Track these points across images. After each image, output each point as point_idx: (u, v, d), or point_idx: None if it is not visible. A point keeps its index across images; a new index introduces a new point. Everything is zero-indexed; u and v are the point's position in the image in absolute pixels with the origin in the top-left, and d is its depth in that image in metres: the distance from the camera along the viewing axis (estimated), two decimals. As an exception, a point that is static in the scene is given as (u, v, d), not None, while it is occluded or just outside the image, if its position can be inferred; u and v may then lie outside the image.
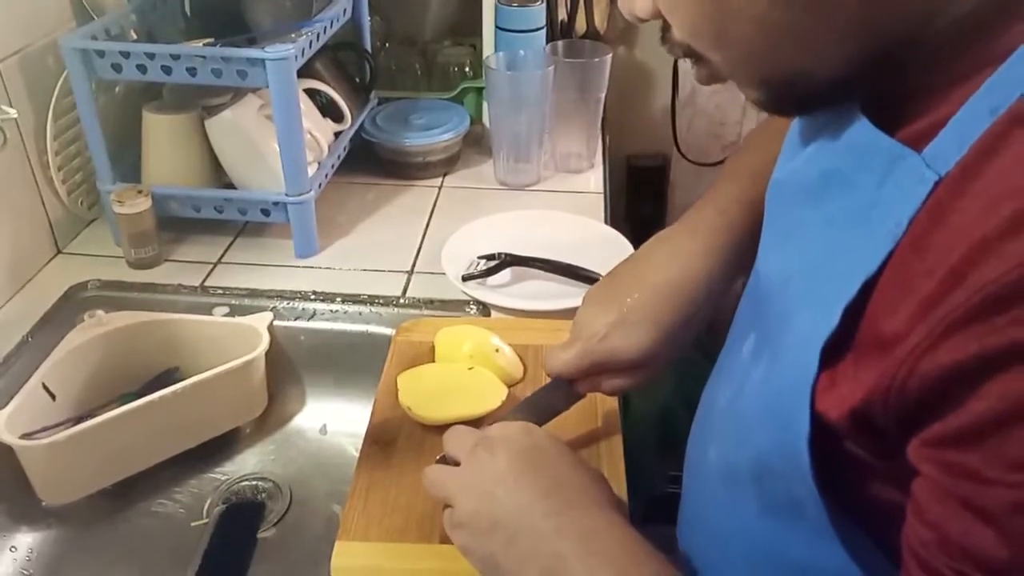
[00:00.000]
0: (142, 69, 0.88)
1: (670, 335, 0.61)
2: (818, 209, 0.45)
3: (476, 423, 0.69)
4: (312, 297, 0.91)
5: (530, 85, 1.08)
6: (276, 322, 0.87)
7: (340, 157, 1.09)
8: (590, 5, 1.39)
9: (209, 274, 0.96)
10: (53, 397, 0.76)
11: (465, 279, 0.91)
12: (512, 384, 0.76)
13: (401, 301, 0.91)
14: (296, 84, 0.90)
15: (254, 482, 0.82)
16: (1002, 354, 0.31)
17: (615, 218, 1.11)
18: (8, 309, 0.90)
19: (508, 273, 0.94)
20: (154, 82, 0.94)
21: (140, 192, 0.92)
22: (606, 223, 1.05)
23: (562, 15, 1.37)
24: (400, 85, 1.29)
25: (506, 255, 0.93)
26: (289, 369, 0.90)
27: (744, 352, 0.53)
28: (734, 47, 0.42)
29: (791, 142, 0.52)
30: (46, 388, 0.76)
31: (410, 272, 0.96)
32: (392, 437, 0.70)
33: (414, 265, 0.98)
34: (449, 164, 1.19)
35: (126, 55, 0.88)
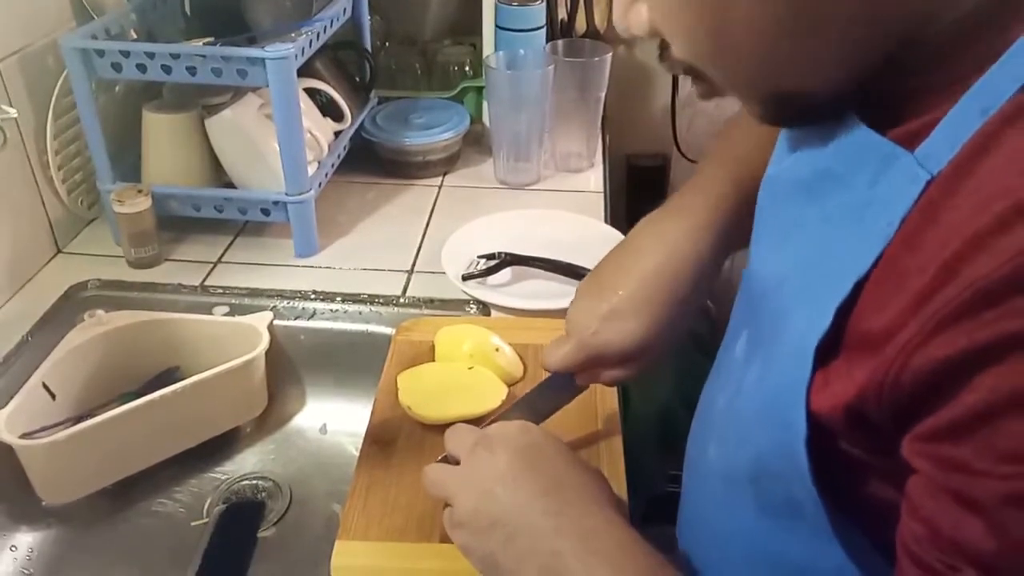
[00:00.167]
0: (142, 68, 0.88)
1: (663, 323, 0.61)
2: (812, 208, 0.45)
3: (476, 422, 0.69)
4: (312, 296, 0.91)
5: (530, 84, 1.08)
6: (276, 321, 0.87)
7: (340, 156, 1.09)
8: (590, 4, 1.39)
9: (209, 273, 0.96)
10: (53, 397, 0.76)
11: (465, 278, 0.91)
12: (512, 383, 0.76)
13: (401, 300, 0.91)
14: (296, 83, 0.90)
15: (254, 482, 0.82)
16: (992, 348, 0.31)
17: (615, 217, 1.11)
18: (8, 309, 0.90)
19: (508, 272, 0.94)
20: (154, 81, 0.94)
21: (140, 191, 0.92)
22: (606, 222, 1.05)
23: (562, 14, 1.37)
24: (400, 84, 1.29)
25: (506, 254, 0.93)
26: (289, 369, 0.90)
27: (739, 350, 0.53)
28: (734, 65, 0.42)
29: (783, 140, 0.52)
30: (46, 388, 0.76)
31: (410, 271, 0.96)
32: (392, 436, 0.70)
33: (414, 264, 0.98)
34: (449, 163, 1.19)
35: (126, 54, 0.88)
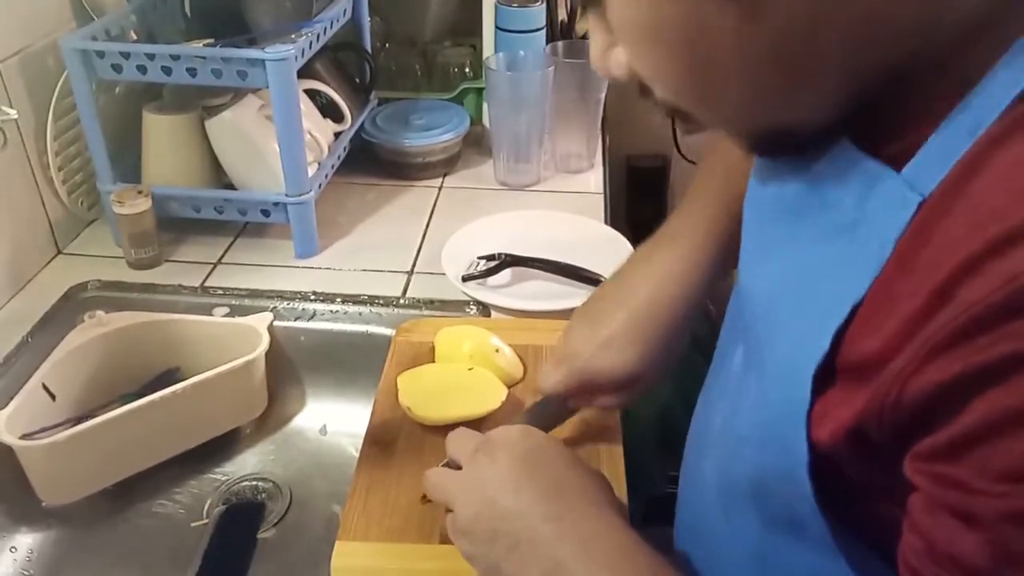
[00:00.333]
0: (142, 70, 0.88)
1: (656, 352, 0.64)
2: (798, 226, 0.45)
3: (476, 423, 0.69)
4: (312, 297, 0.91)
5: (530, 85, 1.08)
6: (276, 322, 0.87)
7: (340, 157, 1.09)
8: (590, 6, 1.39)
9: (209, 274, 0.96)
10: (53, 397, 0.76)
11: (465, 279, 0.91)
12: (512, 384, 0.76)
13: (401, 301, 0.91)
14: (296, 84, 0.90)
15: (254, 482, 0.82)
16: (987, 371, 0.32)
17: (615, 218, 1.11)
18: (8, 309, 0.90)
19: (508, 273, 0.94)
20: (154, 82, 0.94)
21: (140, 192, 0.92)
22: (606, 223, 1.05)
23: (562, 15, 1.37)
24: (400, 86, 1.30)
25: (506, 255, 0.93)
26: (289, 369, 0.90)
27: (735, 365, 0.52)
28: (719, 105, 0.41)
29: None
30: (46, 388, 0.76)
31: (410, 272, 0.96)
32: (392, 437, 0.70)
33: (414, 265, 0.98)
34: (449, 164, 1.19)
35: (126, 55, 0.88)
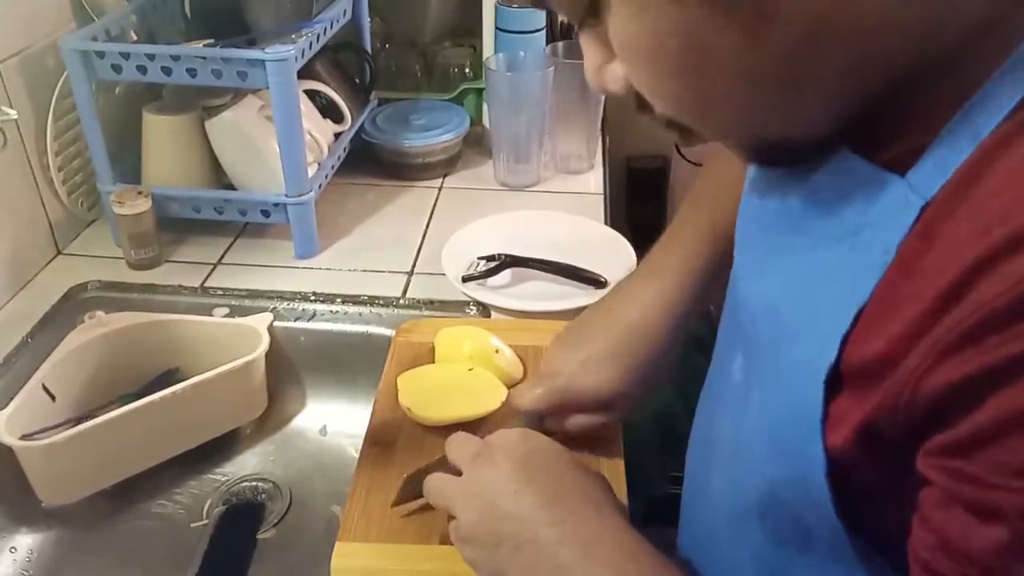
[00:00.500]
0: (142, 70, 0.88)
1: (638, 374, 0.64)
2: (799, 235, 0.45)
3: (476, 424, 0.69)
4: (312, 298, 0.91)
5: (530, 86, 1.08)
6: (276, 323, 0.87)
7: (340, 158, 1.09)
8: (590, 6, 1.39)
9: (209, 275, 0.96)
10: (53, 398, 0.76)
11: (465, 280, 0.91)
12: (512, 385, 0.76)
13: (401, 302, 0.91)
14: (296, 85, 0.90)
15: (254, 483, 0.82)
16: (1000, 370, 0.32)
17: (615, 219, 1.11)
18: (8, 310, 0.90)
19: (508, 274, 0.93)
20: (154, 83, 0.94)
21: (140, 193, 0.92)
22: (606, 224, 1.05)
23: (562, 16, 1.37)
24: (400, 86, 1.30)
25: (506, 256, 0.93)
26: (289, 370, 0.90)
27: (735, 374, 0.52)
28: (721, 121, 0.41)
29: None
30: (46, 389, 0.76)
31: (410, 273, 0.96)
32: (392, 438, 0.70)
33: (414, 266, 0.98)
34: (449, 165, 1.19)
35: (126, 56, 0.88)
